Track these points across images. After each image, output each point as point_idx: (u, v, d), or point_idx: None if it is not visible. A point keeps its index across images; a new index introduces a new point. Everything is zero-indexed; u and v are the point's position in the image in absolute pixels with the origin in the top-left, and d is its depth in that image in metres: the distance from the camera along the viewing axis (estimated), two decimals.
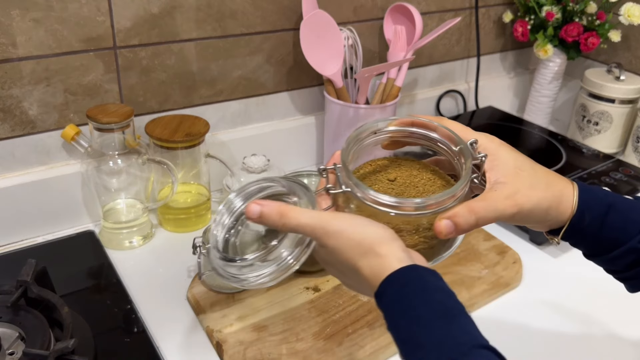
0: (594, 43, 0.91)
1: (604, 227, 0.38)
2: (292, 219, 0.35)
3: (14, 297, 0.50)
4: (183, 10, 0.68)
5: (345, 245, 0.34)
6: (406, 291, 0.33)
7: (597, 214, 0.38)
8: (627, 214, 0.39)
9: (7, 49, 0.59)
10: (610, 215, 0.38)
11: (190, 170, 0.71)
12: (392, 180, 0.40)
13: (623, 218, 0.38)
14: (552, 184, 0.38)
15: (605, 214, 0.38)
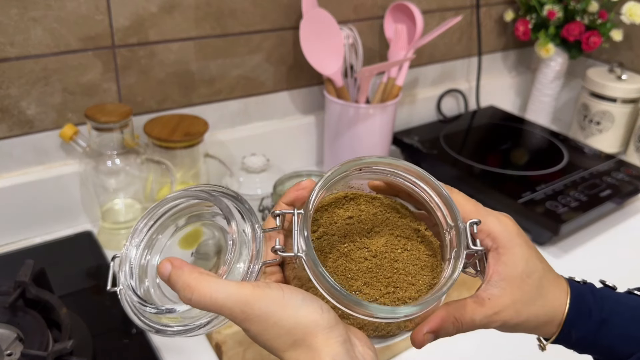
0: (595, 42, 0.91)
1: (597, 343, 0.34)
2: (203, 296, 0.27)
3: (12, 298, 0.49)
4: (182, 8, 0.67)
5: (271, 334, 0.28)
6: None
7: (586, 332, 0.34)
8: (624, 329, 0.34)
9: (5, 48, 0.59)
10: (602, 331, 0.34)
11: (189, 170, 0.70)
12: (367, 247, 0.31)
13: (620, 333, 0.34)
14: (549, 299, 0.33)
15: (596, 331, 0.34)
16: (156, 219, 0.32)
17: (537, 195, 0.73)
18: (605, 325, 0.34)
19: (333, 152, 0.81)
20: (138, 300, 0.31)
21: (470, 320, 0.32)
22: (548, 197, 0.73)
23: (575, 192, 0.74)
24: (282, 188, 0.63)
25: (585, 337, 0.34)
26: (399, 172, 0.32)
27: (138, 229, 0.32)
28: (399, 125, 0.93)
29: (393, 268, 0.31)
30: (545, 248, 0.71)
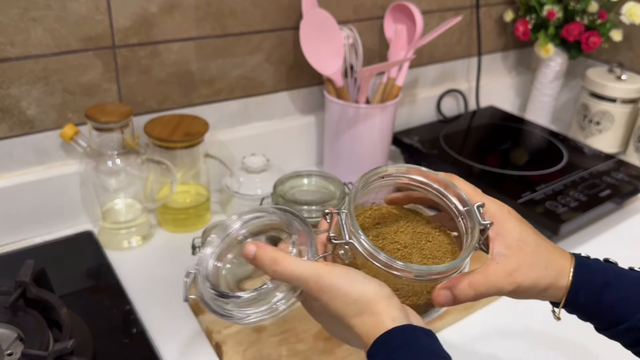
0: (595, 42, 0.91)
1: (601, 305, 0.38)
2: (286, 268, 0.34)
3: (12, 298, 0.50)
4: (182, 9, 0.67)
5: (340, 302, 0.34)
6: (398, 355, 0.31)
7: (591, 293, 0.38)
8: (626, 292, 0.38)
9: (5, 48, 0.59)
10: (606, 293, 0.38)
11: (189, 170, 0.70)
12: (397, 241, 0.38)
13: (622, 296, 0.38)
14: (551, 262, 0.38)
15: (600, 293, 0.38)
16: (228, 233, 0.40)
17: (536, 195, 0.73)
18: (609, 286, 0.38)
19: (333, 152, 0.81)
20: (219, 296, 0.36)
21: (485, 281, 0.36)
22: (548, 197, 0.73)
23: (575, 192, 0.75)
24: (282, 188, 0.63)
25: (590, 298, 0.38)
26: (412, 177, 0.40)
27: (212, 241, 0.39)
28: (399, 125, 0.93)
29: (422, 254, 0.38)
30: None
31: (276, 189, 0.63)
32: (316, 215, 0.60)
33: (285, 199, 0.61)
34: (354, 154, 0.79)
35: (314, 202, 0.61)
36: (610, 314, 0.38)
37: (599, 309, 0.38)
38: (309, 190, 0.64)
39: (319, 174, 0.66)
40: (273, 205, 0.39)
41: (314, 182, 0.65)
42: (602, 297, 0.38)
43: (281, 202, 0.61)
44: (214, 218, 0.74)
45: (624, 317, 0.38)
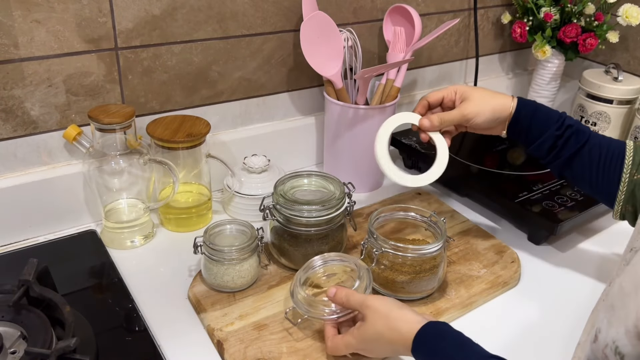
0: (592, 44, 0.92)
1: (533, 121, 0.58)
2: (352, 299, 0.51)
3: (15, 297, 0.50)
4: (184, 11, 0.68)
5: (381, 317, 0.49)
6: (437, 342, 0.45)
7: (527, 112, 0.58)
8: (548, 113, 0.58)
9: (9, 49, 0.59)
10: (537, 113, 0.58)
11: (191, 170, 0.71)
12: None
13: (545, 116, 0.58)
14: (495, 98, 0.59)
15: (533, 112, 0.58)
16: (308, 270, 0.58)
17: (533, 195, 0.74)
18: (539, 110, 0.59)
19: (333, 152, 0.81)
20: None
21: (447, 114, 0.60)
22: (545, 196, 0.74)
23: (572, 192, 0.75)
24: (283, 188, 0.64)
25: (526, 116, 0.58)
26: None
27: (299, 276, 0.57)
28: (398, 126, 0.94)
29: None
30: (542, 247, 0.72)
31: (277, 189, 0.63)
32: (316, 215, 0.60)
33: (285, 198, 0.62)
34: (353, 155, 0.79)
35: (314, 201, 0.61)
36: (537, 127, 0.58)
37: (531, 125, 0.58)
38: (309, 190, 0.65)
39: (319, 174, 0.66)
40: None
41: (314, 182, 0.66)
42: (535, 115, 0.58)
43: (281, 201, 0.61)
44: (216, 218, 0.74)
45: (545, 129, 0.57)
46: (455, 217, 0.76)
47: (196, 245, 0.60)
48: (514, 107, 0.58)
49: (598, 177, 0.57)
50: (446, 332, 0.46)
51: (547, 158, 0.59)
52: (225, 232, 0.62)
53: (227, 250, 0.58)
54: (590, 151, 0.57)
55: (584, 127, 0.59)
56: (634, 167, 0.56)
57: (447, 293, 0.61)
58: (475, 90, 0.60)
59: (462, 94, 0.60)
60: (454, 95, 0.61)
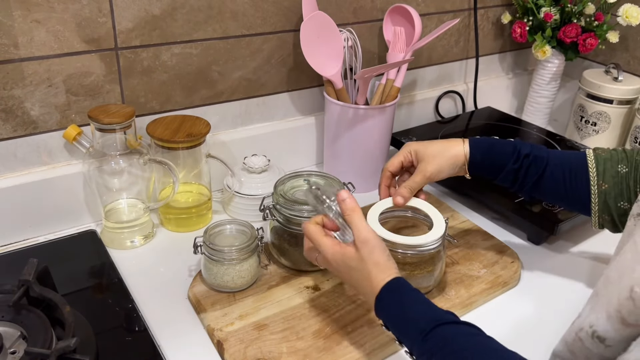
0: (592, 44, 0.92)
1: (489, 160, 0.60)
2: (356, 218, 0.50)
3: (15, 297, 0.50)
4: (184, 11, 0.68)
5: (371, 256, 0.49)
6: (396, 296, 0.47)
7: (482, 153, 0.60)
8: (502, 148, 0.60)
9: (9, 49, 0.59)
10: (491, 152, 0.60)
11: (191, 170, 0.71)
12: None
13: (499, 153, 0.60)
14: (448, 149, 0.60)
15: (488, 151, 0.60)
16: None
17: None
18: (493, 146, 0.60)
19: (333, 152, 0.81)
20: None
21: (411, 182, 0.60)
22: None
23: None
24: (283, 188, 0.64)
25: (484, 155, 0.60)
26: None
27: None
28: (398, 126, 0.94)
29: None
30: (542, 247, 0.72)
31: (277, 189, 0.63)
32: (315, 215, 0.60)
33: (285, 198, 0.62)
34: (353, 155, 0.79)
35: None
36: (496, 164, 0.60)
37: (491, 162, 0.60)
38: None
39: (318, 174, 0.67)
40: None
41: (313, 181, 0.66)
42: (491, 153, 0.60)
43: (281, 201, 0.61)
44: (216, 218, 0.74)
45: (504, 164, 0.59)
46: (455, 217, 0.76)
47: (196, 245, 0.60)
48: (467, 152, 0.60)
49: (567, 193, 0.58)
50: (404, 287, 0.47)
51: (513, 188, 0.61)
52: (225, 232, 0.62)
53: (227, 250, 0.58)
54: (552, 173, 0.58)
55: (541, 151, 0.59)
56: (599, 178, 0.57)
57: (447, 293, 0.61)
58: (428, 147, 0.61)
59: (417, 154, 0.61)
60: (410, 156, 0.62)
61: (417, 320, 0.44)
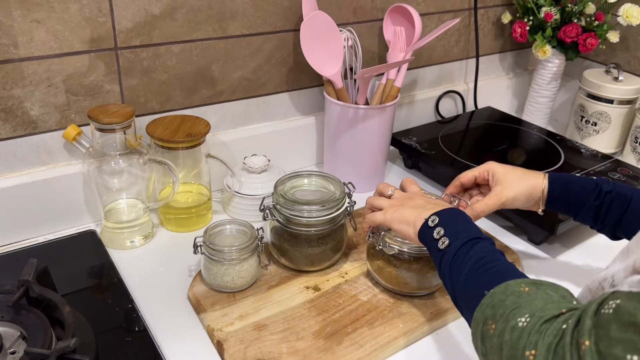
0: (592, 44, 0.92)
1: (569, 197, 0.58)
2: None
3: (15, 297, 0.50)
4: (184, 11, 0.68)
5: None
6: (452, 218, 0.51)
7: (561, 189, 0.58)
8: (583, 185, 0.58)
9: (9, 49, 0.59)
10: (571, 187, 0.58)
11: (191, 170, 0.71)
12: None
13: (580, 189, 0.58)
14: (527, 179, 0.59)
15: (567, 187, 0.58)
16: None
17: None
18: (573, 182, 0.58)
19: (333, 152, 0.81)
20: None
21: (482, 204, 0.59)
22: None
23: None
24: (283, 188, 0.64)
25: (562, 192, 0.58)
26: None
27: None
28: (398, 126, 0.94)
29: None
30: (542, 247, 0.72)
31: (277, 189, 0.63)
32: (316, 215, 0.60)
33: (285, 198, 0.62)
34: (353, 155, 0.79)
35: (314, 202, 0.61)
36: (576, 202, 0.58)
37: (568, 199, 0.58)
38: (309, 190, 0.65)
39: (319, 174, 0.66)
40: None
41: (314, 182, 0.66)
42: (569, 190, 0.58)
43: (282, 201, 0.61)
44: (215, 218, 0.74)
45: (584, 202, 0.57)
46: None
47: (196, 246, 0.60)
48: (546, 187, 0.58)
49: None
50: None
51: (595, 226, 0.59)
52: (225, 232, 0.62)
53: (227, 251, 0.58)
54: (636, 210, 0.55)
55: (624, 189, 0.57)
56: None
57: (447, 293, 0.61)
58: (508, 172, 0.59)
59: (495, 175, 0.60)
60: (487, 175, 0.61)
61: (470, 230, 0.48)
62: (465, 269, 0.45)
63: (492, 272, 0.43)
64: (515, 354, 0.35)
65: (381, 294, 0.61)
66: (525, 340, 0.35)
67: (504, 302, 0.39)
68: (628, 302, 0.30)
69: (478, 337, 0.40)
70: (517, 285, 0.40)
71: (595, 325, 0.31)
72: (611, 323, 0.30)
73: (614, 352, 0.29)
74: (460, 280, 0.45)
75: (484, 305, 0.40)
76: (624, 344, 0.29)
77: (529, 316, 0.36)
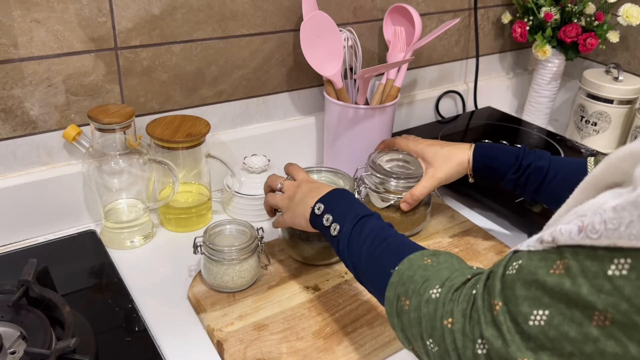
0: (592, 44, 0.92)
1: (491, 169, 0.64)
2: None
3: (15, 297, 0.50)
4: (184, 11, 0.68)
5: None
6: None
7: (485, 161, 0.64)
8: (504, 159, 0.63)
9: (9, 49, 0.59)
10: (494, 161, 0.64)
11: (191, 170, 0.71)
12: None
13: (501, 162, 0.64)
14: (454, 156, 0.65)
15: (491, 160, 0.64)
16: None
17: None
18: (496, 157, 0.64)
19: (333, 152, 0.81)
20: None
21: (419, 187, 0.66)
22: None
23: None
24: None
25: (487, 163, 0.64)
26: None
27: None
28: (398, 126, 0.94)
29: None
30: None
31: None
32: None
33: None
34: (353, 155, 0.79)
35: None
36: (499, 171, 0.64)
37: (492, 172, 0.64)
38: None
39: (329, 169, 0.67)
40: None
41: (324, 177, 0.67)
42: (491, 164, 0.64)
43: None
44: (215, 218, 0.74)
45: (505, 173, 0.63)
46: (455, 217, 0.76)
47: (196, 246, 0.60)
48: (471, 161, 0.65)
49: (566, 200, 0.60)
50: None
51: (516, 192, 0.65)
52: (225, 232, 0.62)
53: (227, 251, 0.58)
54: (552, 182, 0.61)
55: (541, 161, 0.62)
56: None
57: None
58: (436, 154, 0.66)
59: (425, 158, 0.67)
60: (415, 154, 0.69)
61: (356, 208, 0.50)
62: (363, 250, 0.46)
63: (390, 249, 0.45)
64: (435, 324, 0.37)
65: None
66: (441, 311, 0.37)
67: (413, 277, 0.40)
68: (529, 261, 0.31)
69: (394, 315, 0.41)
70: (420, 259, 0.42)
71: (503, 286, 0.32)
72: (515, 282, 0.31)
73: (522, 310, 0.31)
74: (361, 262, 0.46)
75: (394, 284, 0.41)
76: (529, 301, 0.30)
77: (439, 287, 0.38)
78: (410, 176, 0.68)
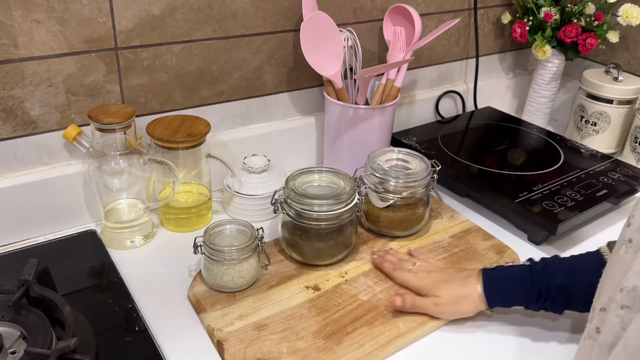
0: (592, 44, 0.92)
1: (511, 305, 0.58)
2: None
3: (15, 297, 0.50)
4: (184, 11, 0.68)
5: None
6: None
7: (501, 303, 0.58)
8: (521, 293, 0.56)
9: (9, 49, 0.59)
10: (510, 299, 0.57)
11: (191, 170, 0.71)
12: None
13: (519, 298, 0.57)
14: (462, 304, 0.57)
15: (505, 300, 0.57)
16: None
17: (534, 195, 0.74)
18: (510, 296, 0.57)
19: (333, 152, 0.81)
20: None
21: (422, 305, 0.58)
22: (545, 196, 0.74)
23: (572, 192, 0.75)
24: (294, 183, 0.64)
25: (503, 305, 0.58)
26: None
27: None
28: (398, 126, 0.94)
29: None
30: (541, 247, 0.72)
31: (288, 184, 0.64)
32: (327, 210, 0.61)
33: (296, 192, 0.62)
34: (353, 155, 0.79)
35: (325, 196, 0.62)
36: (520, 305, 0.57)
37: (514, 307, 0.58)
38: (320, 186, 0.66)
39: (329, 170, 0.67)
40: None
41: (325, 177, 0.67)
42: (510, 301, 0.57)
43: (292, 196, 0.62)
44: (216, 218, 0.74)
45: (527, 305, 0.57)
46: (455, 217, 0.76)
47: (196, 246, 0.60)
48: (486, 306, 0.57)
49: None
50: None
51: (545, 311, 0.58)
52: (225, 232, 0.62)
53: (227, 250, 0.58)
54: (578, 292, 0.54)
55: (558, 276, 0.55)
56: None
57: None
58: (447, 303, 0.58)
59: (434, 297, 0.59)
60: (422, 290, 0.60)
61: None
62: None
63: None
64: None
65: (381, 294, 0.61)
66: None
67: None
68: None
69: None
70: None
71: None
72: None
73: None
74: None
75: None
76: None
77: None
78: (410, 175, 0.68)
